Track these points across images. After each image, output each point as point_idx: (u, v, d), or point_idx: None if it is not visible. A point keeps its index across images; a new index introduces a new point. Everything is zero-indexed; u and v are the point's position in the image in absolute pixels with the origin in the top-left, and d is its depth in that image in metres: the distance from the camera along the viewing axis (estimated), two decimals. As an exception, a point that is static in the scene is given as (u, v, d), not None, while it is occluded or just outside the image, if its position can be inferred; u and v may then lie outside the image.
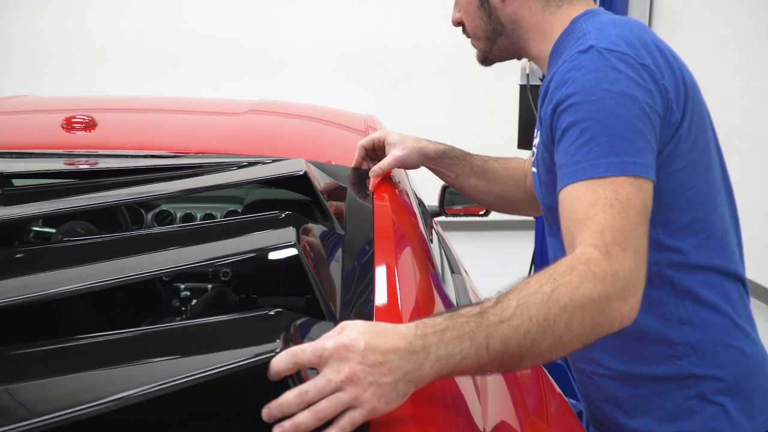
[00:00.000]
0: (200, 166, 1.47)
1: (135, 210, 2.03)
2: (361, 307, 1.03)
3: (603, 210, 0.99)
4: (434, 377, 0.83)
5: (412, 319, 0.94)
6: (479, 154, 1.61)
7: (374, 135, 1.54)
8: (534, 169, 1.33)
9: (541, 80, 1.30)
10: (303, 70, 6.33)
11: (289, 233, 1.10)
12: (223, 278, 1.96)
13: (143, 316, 1.68)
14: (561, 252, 1.25)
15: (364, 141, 1.55)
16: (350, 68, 6.42)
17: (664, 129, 1.12)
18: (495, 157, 1.62)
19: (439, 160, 1.55)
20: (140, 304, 1.70)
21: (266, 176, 1.39)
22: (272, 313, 0.91)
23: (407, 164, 1.52)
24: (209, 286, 1.94)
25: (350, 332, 0.82)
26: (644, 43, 1.12)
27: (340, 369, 0.79)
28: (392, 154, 1.49)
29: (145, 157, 1.55)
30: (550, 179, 1.24)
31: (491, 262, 5.47)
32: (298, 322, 0.91)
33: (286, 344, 0.82)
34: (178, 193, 1.36)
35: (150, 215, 2.07)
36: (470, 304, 0.90)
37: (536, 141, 1.29)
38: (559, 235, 1.29)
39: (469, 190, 1.60)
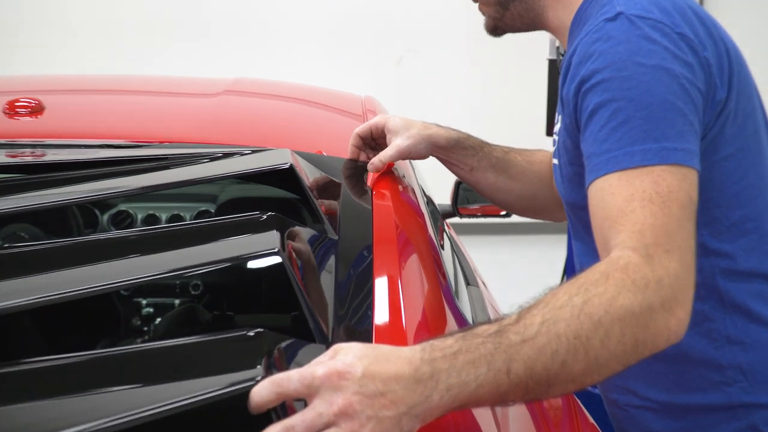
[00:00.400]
0: (166, 157, 1.47)
1: (88, 210, 2.04)
2: (357, 326, 1.04)
3: (641, 206, 1.00)
4: (445, 409, 0.83)
5: (418, 340, 0.94)
6: (500, 144, 1.61)
7: (372, 120, 1.55)
8: (555, 161, 1.33)
9: (563, 56, 1.32)
10: (288, 42, 6.34)
11: (271, 238, 1.11)
12: (193, 292, 1.96)
13: (98, 336, 1.69)
14: (589, 259, 1.25)
15: (360, 128, 1.55)
16: (345, 40, 6.42)
17: (707, 109, 1.12)
18: (518, 149, 1.62)
19: (450, 150, 1.54)
20: (95, 322, 1.70)
21: (244, 170, 1.40)
22: (252, 333, 0.91)
23: (413, 155, 1.52)
24: (176, 301, 1.95)
25: (345, 356, 0.82)
26: (680, 9, 1.12)
27: (333, 400, 0.79)
28: (395, 144, 1.50)
29: (101, 147, 1.56)
30: (573, 172, 1.24)
31: (515, 272, 5.47)
32: (283, 344, 0.92)
33: (269, 371, 0.83)
34: (139, 190, 1.36)
35: (106, 216, 2.07)
36: (487, 322, 0.90)
37: (558, 127, 1.29)
38: (586, 239, 1.29)
39: (485, 187, 1.60)
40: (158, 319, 1.93)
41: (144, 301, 1.95)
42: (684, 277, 0.96)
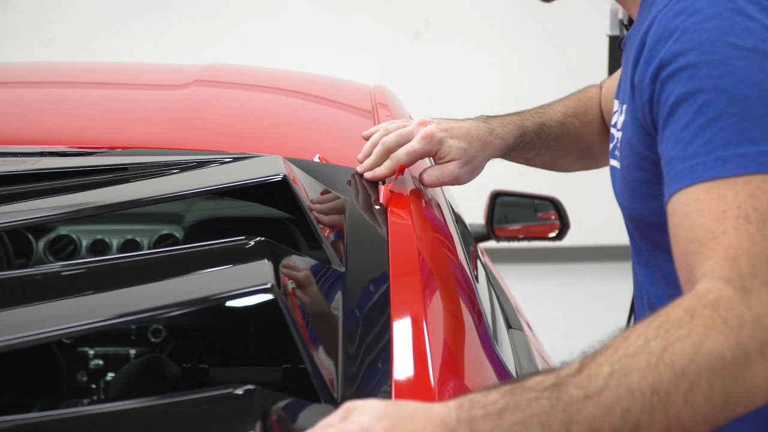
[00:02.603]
0: (123, 168, 1.49)
1: (20, 236, 2.06)
2: (372, 380, 1.05)
3: (735, 225, 1.01)
4: None
5: (448, 395, 0.97)
6: (555, 109, 1.71)
7: (419, 147, 1.53)
8: (614, 162, 1.35)
9: (627, 26, 1.34)
10: (280, 13, 6.36)
11: (262, 270, 1.13)
12: (152, 339, 1.98)
13: (35, 397, 1.70)
14: (657, 290, 1.28)
15: (410, 154, 1.53)
16: (349, 11, 6.44)
17: None
18: (572, 106, 1.72)
19: (506, 155, 1.65)
20: (30, 379, 1.72)
21: (226, 183, 1.42)
22: (241, 391, 0.93)
23: (467, 180, 1.59)
24: (132, 351, 1.97)
25: (360, 417, 0.85)
26: None
27: None
28: (450, 169, 1.54)
29: (39, 155, 1.57)
30: (639, 179, 1.26)
31: (568, 311, 5.45)
32: (280, 404, 0.94)
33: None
34: (92, 210, 1.37)
35: (42, 243, 2.10)
36: (541, 373, 0.92)
37: (620, 120, 1.32)
38: (652, 265, 1.32)
39: (538, 166, 1.73)
40: (110, 374, 1.95)
41: (91, 352, 1.97)
42: None
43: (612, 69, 3.14)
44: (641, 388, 0.89)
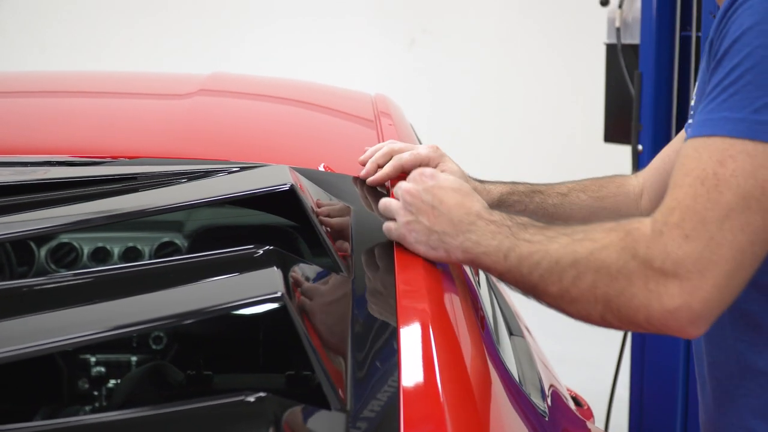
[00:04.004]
0: (132, 177, 1.50)
1: (22, 244, 2.06)
2: (381, 386, 1.06)
3: (691, 184, 1.14)
4: (460, 257, 1.28)
5: (457, 405, 1.01)
6: (560, 184, 1.67)
7: (424, 152, 1.57)
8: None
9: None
10: (277, 21, 6.36)
11: (271, 279, 1.14)
12: (154, 346, 1.98)
13: (36, 404, 1.70)
14: None
15: (409, 160, 1.56)
16: (345, 17, 6.44)
17: None
18: (583, 183, 1.69)
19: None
20: (31, 386, 1.72)
21: (234, 193, 1.43)
22: (252, 399, 0.94)
23: None
24: (133, 358, 1.97)
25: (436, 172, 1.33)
26: None
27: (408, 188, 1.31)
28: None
29: (45, 164, 1.58)
30: None
31: (565, 318, 5.43)
32: (291, 411, 0.95)
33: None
34: (99, 220, 1.38)
35: (44, 251, 2.09)
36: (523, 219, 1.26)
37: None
38: None
39: None
40: (112, 381, 1.95)
41: (93, 359, 1.97)
42: (696, 269, 1.10)
43: (609, 77, 3.12)
44: (552, 256, 1.19)
